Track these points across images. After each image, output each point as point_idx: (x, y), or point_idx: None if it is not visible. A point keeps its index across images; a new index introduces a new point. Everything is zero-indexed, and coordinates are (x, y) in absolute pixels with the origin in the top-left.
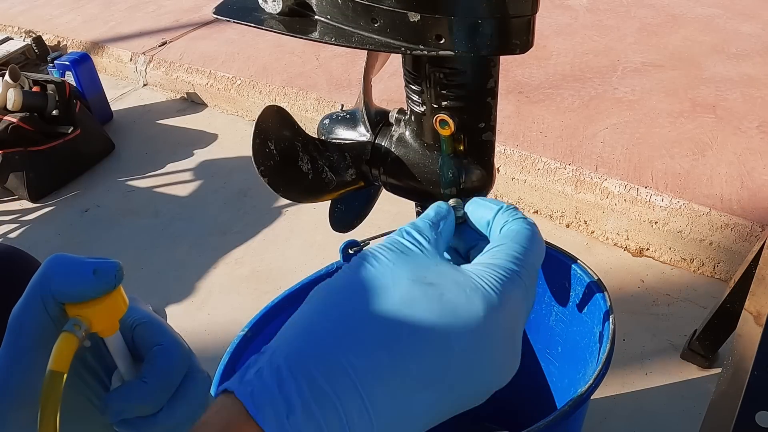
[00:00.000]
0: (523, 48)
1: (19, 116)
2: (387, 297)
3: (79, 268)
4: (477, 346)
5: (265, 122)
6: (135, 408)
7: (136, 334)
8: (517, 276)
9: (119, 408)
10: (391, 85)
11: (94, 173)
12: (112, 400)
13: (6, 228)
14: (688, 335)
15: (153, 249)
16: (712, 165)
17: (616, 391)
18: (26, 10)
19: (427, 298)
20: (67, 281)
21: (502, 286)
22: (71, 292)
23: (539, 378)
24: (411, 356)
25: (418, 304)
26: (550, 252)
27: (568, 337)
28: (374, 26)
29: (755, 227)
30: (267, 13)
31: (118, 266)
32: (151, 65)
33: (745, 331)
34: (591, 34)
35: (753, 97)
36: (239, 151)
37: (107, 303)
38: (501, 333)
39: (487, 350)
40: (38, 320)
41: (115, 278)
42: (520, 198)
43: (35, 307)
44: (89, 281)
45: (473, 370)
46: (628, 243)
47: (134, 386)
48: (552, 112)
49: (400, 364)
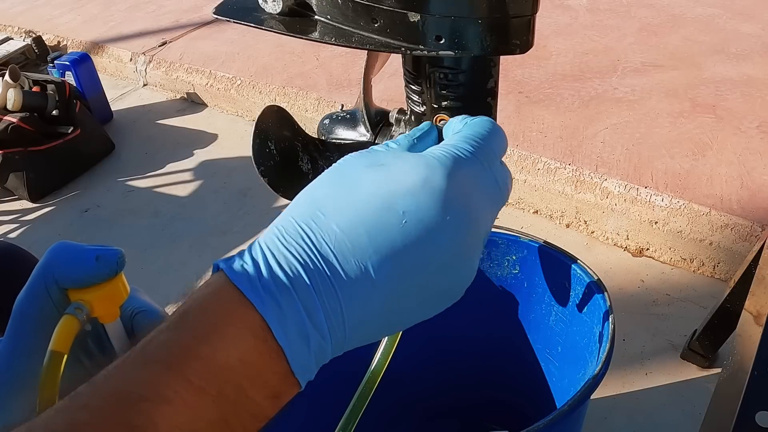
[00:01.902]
0: (523, 48)
1: (19, 116)
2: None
3: (82, 255)
4: (421, 206)
5: (265, 122)
6: None
7: (135, 322)
8: (469, 153)
9: None
10: (391, 85)
11: (94, 173)
12: None
13: (6, 228)
14: (688, 335)
15: (153, 249)
16: (712, 165)
17: (616, 391)
18: (26, 10)
19: (375, 174)
20: (70, 267)
21: (451, 158)
22: (74, 277)
23: (539, 378)
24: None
25: (366, 180)
26: (550, 252)
27: (568, 337)
28: (374, 26)
29: (755, 227)
30: (267, 13)
31: (119, 253)
32: (151, 65)
33: (745, 331)
34: (591, 34)
35: (753, 97)
36: (239, 151)
37: (108, 289)
38: (449, 196)
39: (433, 212)
40: (41, 305)
41: (117, 265)
42: (520, 198)
43: (39, 292)
44: (91, 267)
45: (423, 232)
46: (628, 243)
47: None
48: (552, 112)
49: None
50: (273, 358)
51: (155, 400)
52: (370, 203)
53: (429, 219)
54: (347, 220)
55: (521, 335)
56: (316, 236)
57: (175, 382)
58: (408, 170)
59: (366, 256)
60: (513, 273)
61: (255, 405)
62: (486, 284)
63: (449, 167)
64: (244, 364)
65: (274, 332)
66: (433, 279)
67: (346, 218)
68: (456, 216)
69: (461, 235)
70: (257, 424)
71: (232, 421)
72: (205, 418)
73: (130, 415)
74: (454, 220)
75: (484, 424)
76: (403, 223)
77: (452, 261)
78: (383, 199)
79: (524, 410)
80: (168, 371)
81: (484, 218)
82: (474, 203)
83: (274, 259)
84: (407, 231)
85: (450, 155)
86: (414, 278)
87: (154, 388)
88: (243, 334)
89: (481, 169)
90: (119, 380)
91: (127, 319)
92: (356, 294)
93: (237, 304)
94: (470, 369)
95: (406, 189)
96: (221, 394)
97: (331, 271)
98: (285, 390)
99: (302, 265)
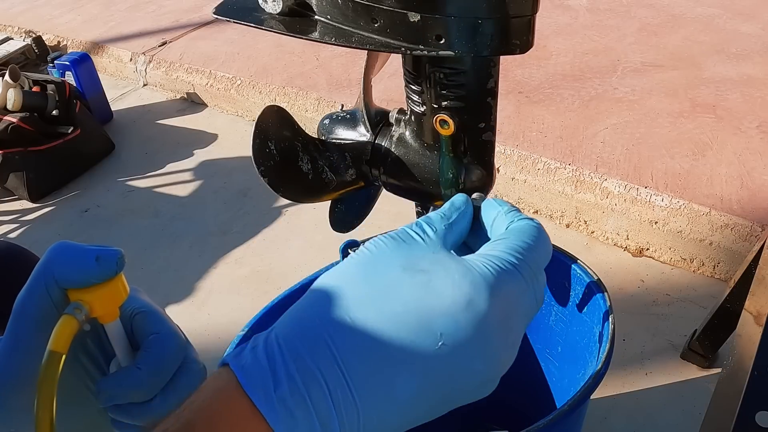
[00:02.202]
0: (523, 48)
1: (19, 116)
2: (374, 282)
3: (82, 255)
4: (461, 330)
5: (266, 122)
6: (127, 394)
7: (135, 323)
8: (514, 268)
9: (111, 393)
10: (391, 85)
11: (94, 173)
12: (104, 384)
13: (6, 228)
14: (688, 335)
15: (153, 249)
16: (712, 165)
17: (616, 391)
18: (26, 10)
19: (414, 283)
20: (70, 267)
21: (496, 274)
22: (73, 277)
23: (539, 378)
24: (390, 336)
25: (404, 288)
26: None
27: (567, 337)
28: (374, 26)
29: (755, 227)
30: (267, 13)
31: (119, 254)
32: (151, 65)
33: (745, 331)
34: (591, 34)
35: (753, 97)
36: (239, 151)
37: (108, 289)
38: (490, 322)
39: (473, 338)
40: (41, 305)
41: (117, 265)
42: (520, 198)
43: (38, 292)
44: (91, 267)
45: (459, 358)
46: (628, 243)
47: (127, 372)
48: (552, 112)
49: (378, 343)
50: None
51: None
52: (407, 319)
53: (467, 344)
54: (380, 333)
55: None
56: (342, 344)
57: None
58: (450, 285)
59: (395, 373)
60: None
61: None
62: None
63: (493, 287)
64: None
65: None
66: (460, 397)
67: (378, 331)
68: (495, 342)
69: (497, 359)
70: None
71: None
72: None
73: None
74: (492, 346)
75: (483, 423)
76: (440, 345)
77: (484, 384)
78: (421, 317)
79: (524, 410)
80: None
81: (519, 334)
82: (514, 325)
83: (293, 364)
84: (442, 354)
85: (495, 271)
86: (441, 397)
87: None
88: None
89: (525, 288)
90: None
91: (126, 320)
92: (377, 409)
93: (248, 419)
94: None
95: (447, 309)
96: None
97: (355, 385)
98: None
99: (323, 375)
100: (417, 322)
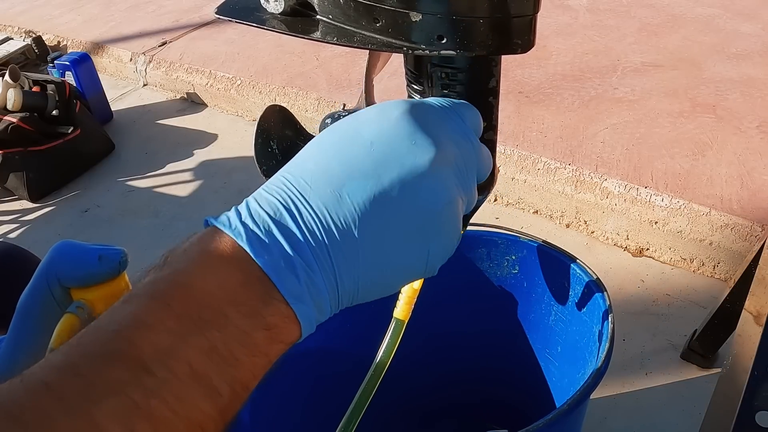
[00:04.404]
0: (524, 48)
1: (19, 116)
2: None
3: (85, 254)
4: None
5: (267, 122)
6: None
7: None
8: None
9: None
10: (391, 85)
11: (94, 173)
12: None
13: (6, 228)
14: (688, 335)
15: (153, 249)
16: (712, 165)
17: (616, 391)
18: (26, 10)
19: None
20: (73, 266)
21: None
22: (76, 276)
23: (539, 378)
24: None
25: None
26: (549, 252)
27: (567, 336)
28: (376, 26)
29: (755, 227)
30: (269, 12)
31: (122, 253)
32: (151, 65)
33: (744, 331)
34: (591, 34)
35: (753, 97)
36: (239, 151)
37: (111, 288)
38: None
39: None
40: (44, 303)
41: (119, 264)
42: (520, 198)
43: (41, 290)
44: (94, 266)
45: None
46: (628, 243)
47: None
48: (552, 112)
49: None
50: (257, 286)
51: (135, 326)
52: (340, 140)
53: (394, 143)
54: (320, 157)
55: (521, 335)
56: (294, 177)
57: (156, 309)
58: (370, 108)
59: (340, 183)
60: (512, 273)
61: (245, 335)
62: (485, 284)
63: (409, 103)
64: (225, 291)
65: (254, 256)
66: (410, 204)
67: (318, 156)
68: (420, 141)
69: (427, 157)
70: (254, 359)
71: (221, 348)
72: (190, 343)
73: (107, 343)
74: (419, 144)
75: (483, 423)
76: (371, 150)
77: (425, 185)
78: (349, 133)
79: (524, 409)
80: (150, 301)
81: (453, 152)
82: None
83: (255, 202)
84: (375, 155)
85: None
86: (388, 201)
87: (135, 317)
88: (221, 262)
89: (445, 113)
90: (105, 317)
91: None
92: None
93: (217, 241)
94: (469, 368)
95: (367, 118)
96: (202, 319)
97: (310, 199)
98: (278, 323)
99: (281, 202)
100: (347, 137)
